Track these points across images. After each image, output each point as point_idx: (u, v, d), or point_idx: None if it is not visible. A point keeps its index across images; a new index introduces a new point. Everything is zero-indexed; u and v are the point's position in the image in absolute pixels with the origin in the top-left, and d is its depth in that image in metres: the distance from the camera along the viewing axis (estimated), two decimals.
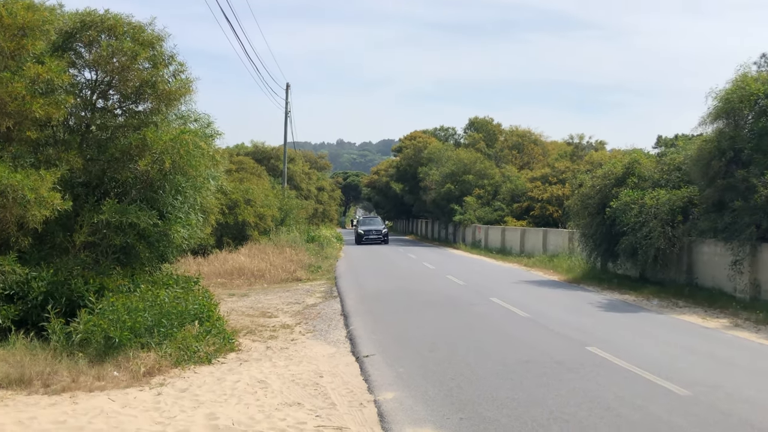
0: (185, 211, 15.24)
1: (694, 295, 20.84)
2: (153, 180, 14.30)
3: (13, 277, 12.12)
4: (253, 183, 39.41)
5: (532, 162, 61.40)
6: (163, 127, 14.65)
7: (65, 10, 14.43)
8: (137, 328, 11.39)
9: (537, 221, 44.94)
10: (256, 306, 18.95)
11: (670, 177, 24.50)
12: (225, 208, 30.88)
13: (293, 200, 49.00)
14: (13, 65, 12.65)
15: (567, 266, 29.98)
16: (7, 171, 11.80)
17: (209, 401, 9.20)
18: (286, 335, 14.55)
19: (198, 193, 15.73)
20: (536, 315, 17.18)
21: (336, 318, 17.02)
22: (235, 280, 25.03)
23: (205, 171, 15.33)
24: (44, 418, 8.29)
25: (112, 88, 14.91)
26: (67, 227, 13.61)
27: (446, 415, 8.68)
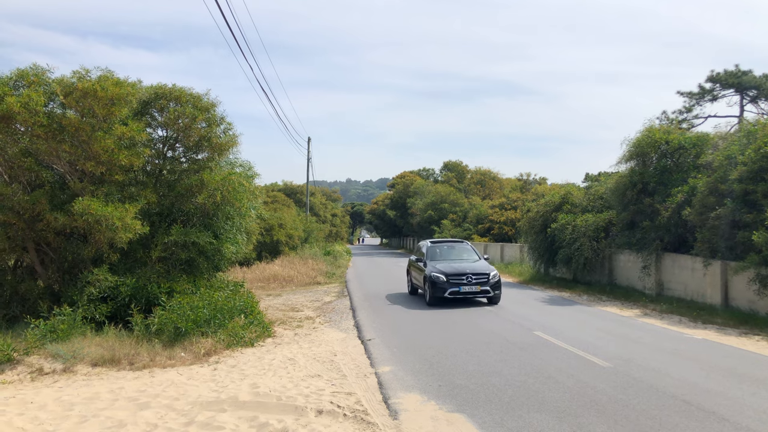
0: (233, 233, 15.28)
1: (613, 291, 20.90)
2: (209, 210, 14.37)
3: (106, 284, 12.20)
4: (284, 212, 39.44)
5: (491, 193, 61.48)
6: (215, 171, 14.71)
7: (143, 85, 14.57)
8: (198, 320, 11.43)
9: (496, 238, 45.03)
10: (287, 303, 18.94)
11: (595, 204, 24.66)
12: (263, 230, 30.91)
13: (314, 224, 48.97)
14: (105, 126, 12.77)
15: (519, 271, 29.99)
16: (101, 205, 11.92)
17: (252, 374, 9.24)
18: (309, 325, 14.57)
19: (242, 219, 15.77)
20: (496, 307, 17.17)
21: (346, 311, 17.03)
22: (271, 284, 25.01)
23: (248, 203, 15.38)
24: (130, 387, 8.35)
25: (178, 142, 15.01)
26: (145, 246, 13.67)
27: (428, 383, 8.75)
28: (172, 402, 7.52)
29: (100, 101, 12.55)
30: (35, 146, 12.75)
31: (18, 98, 12.18)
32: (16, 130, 13.05)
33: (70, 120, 12.46)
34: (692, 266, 17.75)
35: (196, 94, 14.58)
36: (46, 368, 9.52)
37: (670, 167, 20.35)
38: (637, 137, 20.94)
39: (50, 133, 12.45)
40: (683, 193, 18.37)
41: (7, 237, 12.63)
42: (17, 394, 8.15)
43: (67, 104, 12.78)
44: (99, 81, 12.79)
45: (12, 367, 9.60)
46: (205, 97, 14.62)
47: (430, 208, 56.58)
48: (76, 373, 9.42)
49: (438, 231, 52.89)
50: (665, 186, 19.71)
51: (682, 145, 20.18)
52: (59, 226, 12.43)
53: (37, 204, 12.31)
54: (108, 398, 7.77)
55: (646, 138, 20.59)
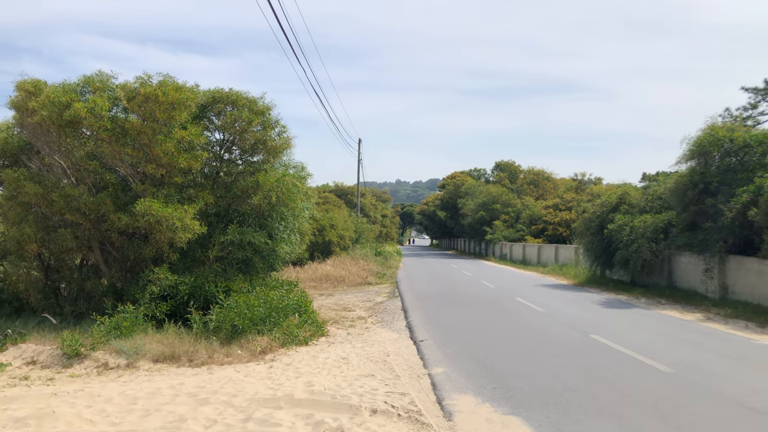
0: (287, 233, 15.53)
1: (673, 295, 20.20)
2: (264, 210, 14.66)
3: (167, 282, 12.59)
4: (335, 212, 39.80)
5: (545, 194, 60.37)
6: (270, 172, 14.98)
7: (201, 89, 14.94)
8: (254, 318, 11.64)
9: (550, 239, 44.21)
10: (339, 303, 19.10)
11: (654, 204, 23.90)
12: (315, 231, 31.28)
13: (364, 225, 49.26)
14: (166, 130, 13.17)
15: (574, 273, 29.37)
16: (162, 206, 12.32)
17: (307, 372, 9.36)
18: (361, 324, 14.65)
19: (296, 220, 16.01)
20: (550, 310, 16.90)
21: (398, 312, 17.04)
22: (323, 284, 25.27)
23: (301, 204, 15.62)
24: (190, 383, 8.58)
25: (235, 145, 15.36)
26: (203, 245, 14.04)
27: (483, 385, 8.66)
28: (230, 398, 7.69)
29: (160, 106, 12.97)
30: (100, 149, 13.28)
31: (84, 104, 12.72)
32: (83, 135, 13.64)
33: (133, 124, 12.92)
34: (759, 269, 16.99)
35: (251, 97, 14.87)
36: (111, 363, 9.90)
37: (735, 166, 19.52)
38: (698, 135, 20.18)
39: (114, 136, 12.94)
40: (749, 193, 17.58)
41: (75, 237, 13.20)
42: (85, 387, 8.50)
43: (130, 109, 13.26)
44: (160, 86, 13.21)
45: (80, 362, 10.02)
46: (260, 101, 14.90)
47: (482, 208, 56.01)
48: (138, 368, 9.76)
49: (490, 232, 52.34)
50: (729, 186, 18.91)
51: (748, 143, 19.33)
52: (122, 227, 12.91)
53: (101, 205, 12.82)
54: (169, 393, 8.01)
55: (708, 136, 19.82)
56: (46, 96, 12.87)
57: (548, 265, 36.23)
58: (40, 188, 12.89)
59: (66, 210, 12.87)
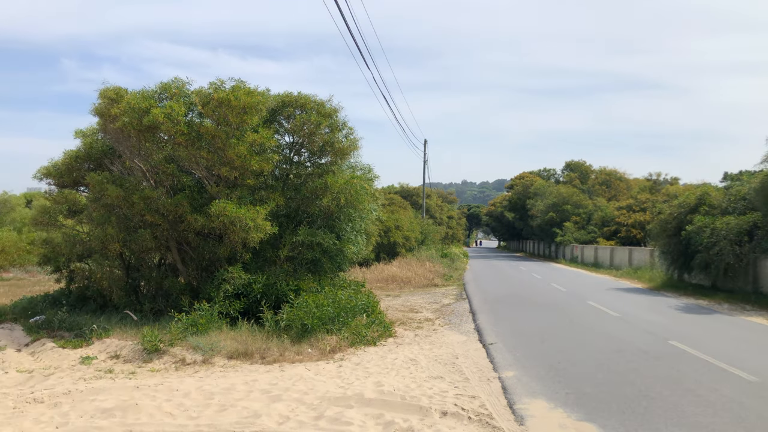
0: (354, 234, 15.69)
1: (759, 301, 19.12)
2: (332, 212, 14.87)
3: (240, 281, 12.99)
4: (401, 214, 39.92)
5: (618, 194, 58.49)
6: (338, 174, 15.16)
7: (271, 93, 15.31)
8: (323, 318, 11.83)
9: (623, 241, 42.81)
10: (406, 304, 19.14)
11: (737, 205, 22.73)
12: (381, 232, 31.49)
13: (430, 226, 49.12)
14: (238, 134, 13.58)
15: (649, 277, 28.29)
16: (235, 207, 12.72)
17: (376, 372, 9.44)
18: (429, 326, 14.63)
19: (363, 221, 16.16)
20: (625, 314, 16.36)
21: (465, 314, 16.91)
22: (390, 285, 25.39)
23: (368, 205, 15.75)
24: (262, 380, 8.82)
25: (304, 148, 15.65)
26: (274, 246, 14.39)
27: (555, 390, 8.49)
28: (302, 396, 7.85)
29: (233, 110, 13.38)
30: (177, 153, 13.84)
31: (162, 109, 13.30)
32: (161, 139, 14.25)
33: (207, 128, 13.40)
34: None
35: (319, 100, 15.12)
36: (188, 359, 10.30)
37: None
38: None
39: (190, 140, 13.46)
40: None
41: (154, 237, 13.80)
42: (164, 381, 8.88)
43: (205, 113, 13.76)
44: (232, 91, 13.63)
45: (159, 357, 10.49)
46: (328, 104, 15.12)
47: (552, 209, 54.82)
48: (214, 364, 10.11)
49: (560, 234, 51.19)
50: None
51: None
52: (198, 227, 13.41)
53: (179, 206, 13.36)
54: (243, 390, 8.26)
55: None
56: (126, 103, 13.53)
57: (621, 268, 35.08)
58: (121, 191, 13.56)
59: (146, 211, 13.48)
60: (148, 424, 6.78)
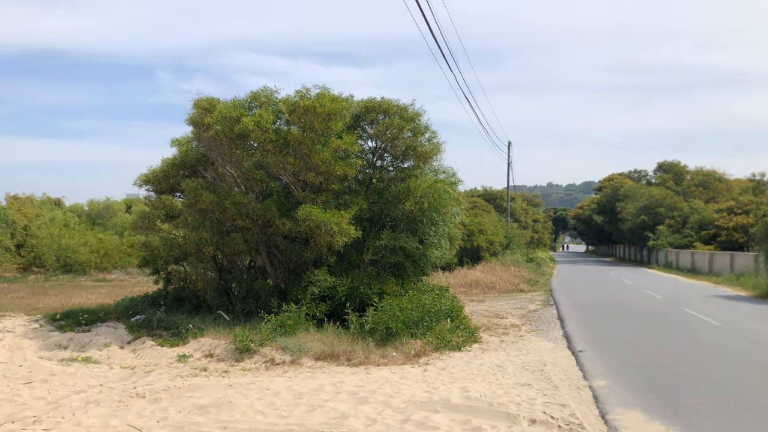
0: (438, 238, 15.64)
1: None
2: (415, 216, 14.90)
3: (325, 284, 13.27)
4: (484, 217, 39.46)
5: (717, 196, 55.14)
6: (421, 178, 15.17)
7: (354, 99, 15.53)
8: (407, 321, 11.86)
9: (723, 246, 40.31)
10: (490, 309, 18.89)
11: None
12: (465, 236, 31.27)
13: (515, 230, 48.26)
14: (323, 140, 13.89)
15: (753, 284, 26.47)
16: (320, 212, 13.01)
17: (461, 378, 9.37)
18: (515, 332, 14.36)
19: (446, 225, 16.08)
20: (727, 323, 15.40)
21: (553, 321, 16.48)
22: (473, 290, 25.14)
23: (451, 209, 15.65)
24: (349, 382, 8.97)
25: (386, 152, 15.76)
26: (358, 249, 14.58)
27: (651, 402, 8.11)
28: (388, 399, 7.91)
29: (318, 117, 13.70)
30: (265, 159, 14.33)
31: (252, 118, 13.82)
32: (250, 146, 14.81)
33: (294, 135, 13.79)
34: None
35: (402, 105, 15.19)
36: (278, 359, 10.63)
37: None
38: None
39: (277, 147, 13.90)
40: None
41: (245, 240, 14.35)
42: (255, 380, 9.21)
43: (291, 121, 14.17)
44: (317, 98, 13.97)
45: (250, 356, 10.89)
46: (410, 108, 15.16)
47: (643, 212, 52.49)
48: (302, 365, 10.38)
49: (652, 237, 48.93)
50: None
51: None
52: (286, 231, 13.82)
53: (267, 211, 13.82)
54: (330, 391, 8.42)
55: None
56: (219, 112, 14.15)
57: (722, 275, 33.06)
58: (214, 196, 14.19)
59: (237, 216, 14.04)
60: (241, 422, 7.04)
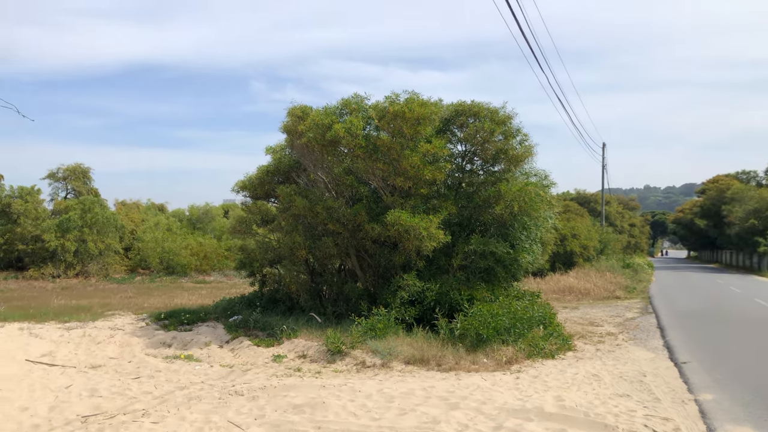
0: (529, 243, 15.34)
1: None
2: (505, 220, 14.69)
3: (414, 288, 13.34)
4: (577, 221, 38.26)
5: None
6: (511, 182, 14.94)
7: (444, 103, 15.53)
8: (498, 328, 11.71)
9: None
10: (585, 317, 18.28)
11: None
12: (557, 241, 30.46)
13: (610, 234, 46.45)
14: (412, 145, 13.98)
15: None
16: (409, 216, 13.10)
17: (555, 386, 9.15)
18: (611, 341, 13.83)
19: (538, 230, 15.73)
20: None
21: (652, 330, 15.72)
22: (566, 296, 24.42)
23: (543, 213, 15.31)
24: (439, 387, 8.97)
25: (476, 156, 15.65)
26: (447, 254, 14.55)
27: (764, 417, 7.58)
28: (480, 405, 7.85)
29: (407, 122, 13.82)
30: (355, 165, 14.61)
31: (342, 125, 14.14)
32: (341, 152, 15.15)
33: (383, 140, 13.98)
34: None
35: (492, 108, 15.04)
36: (368, 362, 10.80)
37: None
38: None
39: (367, 153, 14.14)
40: None
41: (335, 244, 14.69)
42: (347, 382, 9.40)
43: (381, 126, 14.37)
44: (406, 103, 14.09)
45: (341, 358, 11.13)
46: (501, 111, 14.99)
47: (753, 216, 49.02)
48: (392, 369, 10.49)
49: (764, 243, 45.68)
50: None
51: None
52: (375, 235, 14.02)
53: (357, 216, 14.08)
54: (421, 395, 8.46)
55: None
56: (311, 120, 14.58)
57: None
58: (307, 201, 14.63)
59: (328, 220, 14.40)
60: (335, 422, 7.22)
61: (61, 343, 13.21)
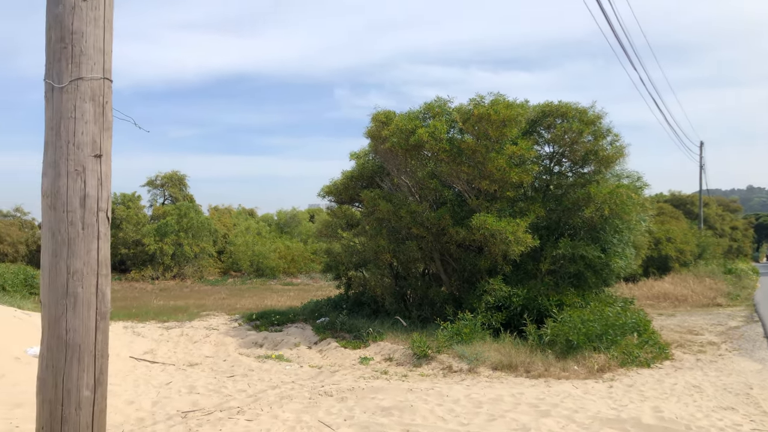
0: (621, 247, 14.77)
1: None
2: (596, 223, 14.25)
3: (501, 293, 13.17)
4: (672, 224, 36.41)
5: None
6: (602, 184, 14.50)
7: (530, 104, 15.29)
8: (589, 334, 11.36)
9: None
10: (682, 325, 17.36)
11: None
12: (651, 244, 29.14)
13: (709, 238, 43.88)
14: (497, 147, 13.85)
15: None
16: (495, 220, 12.97)
17: (652, 397, 8.76)
18: (712, 350, 13.06)
19: (631, 233, 15.15)
20: None
21: (759, 340, 14.70)
22: (661, 303, 23.29)
23: (636, 216, 14.74)
24: (529, 393, 8.80)
25: (564, 157, 15.30)
26: (534, 258, 14.28)
27: None
28: (572, 414, 7.64)
29: (492, 124, 13.70)
30: (439, 169, 14.63)
31: (426, 129, 14.20)
32: (424, 156, 15.21)
33: (468, 143, 13.92)
34: None
35: (581, 108, 14.67)
36: (455, 367, 10.75)
37: None
38: None
39: (451, 156, 14.12)
40: None
41: (419, 248, 14.76)
42: (434, 386, 9.41)
43: (465, 129, 14.32)
44: (491, 105, 13.98)
45: (427, 362, 11.15)
46: (590, 111, 14.59)
47: None
48: (479, 374, 10.40)
49: None
50: None
51: None
52: (459, 239, 13.96)
53: (441, 219, 14.08)
54: (510, 401, 8.33)
55: None
56: (395, 125, 14.73)
57: None
58: (390, 205, 14.78)
59: (412, 224, 14.48)
60: (423, 426, 7.23)
61: (161, 342, 14.00)
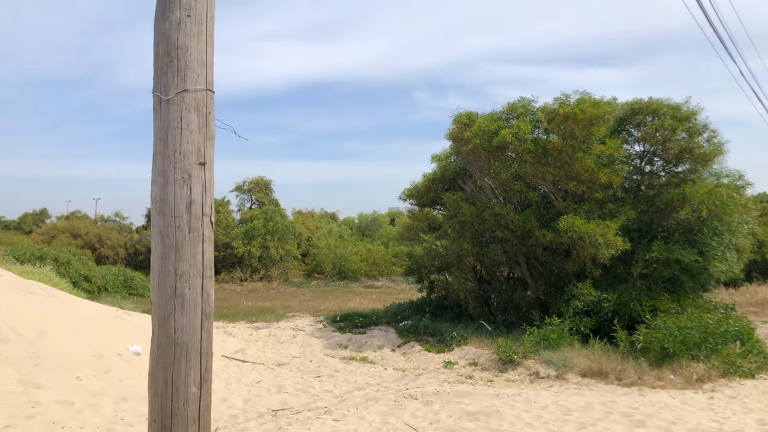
0: (721, 250, 13.95)
1: None
2: (692, 225, 13.55)
3: (590, 298, 12.77)
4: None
5: None
6: (699, 183, 13.78)
7: (618, 102, 14.75)
8: (687, 342, 10.79)
9: None
10: None
11: None
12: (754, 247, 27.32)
13: None
14: (584, 147, 13.44)
15: None
16: (583, 222, 12.59)
17: (757, 409, 8.21)
18: None
19: (732, 236, 14.29)
20: None
21: None
22: (766, 310, 21.78)
23: (738, 217, 13.89)
24: (621, 402, 8.47)
25: (656, 156, 14.65)
26: (625, 262, 13.74)
27: None
28: (669, 425, 7.29)
29: (579, 123, 13.31)
30: (523, 170, 14.36)
31: (509, 130, 13.98)
32: (508, 157, 15.00)
33: (553, 144, 13.59)
34: None
35: (674, 104, 14.01)
36: (542, 373, 10.52)
37: None
38: None
39: (536, 157, 13.84)
40: None
41: (504, 251, 14.54)
42: (521, 392, 9.24)
43: (550, 129, 13.99)
44: (577, 104, 13.58)
45: (513, 368, 10.96)
46: (684, 107, 13.91)
47: None
48: (567, 381, 10.12)
49: None
50: None
51: None
52: (546, 242, 13.65)
53: (526, 222, 13.82)
54: (601, 410, 8.05)
55: None
56: (477, 126, 14.60)
57: None
58: (473, 208, 14.66)
59: (496, 227, 14.30)
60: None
61: (251, 341, 14.52)
